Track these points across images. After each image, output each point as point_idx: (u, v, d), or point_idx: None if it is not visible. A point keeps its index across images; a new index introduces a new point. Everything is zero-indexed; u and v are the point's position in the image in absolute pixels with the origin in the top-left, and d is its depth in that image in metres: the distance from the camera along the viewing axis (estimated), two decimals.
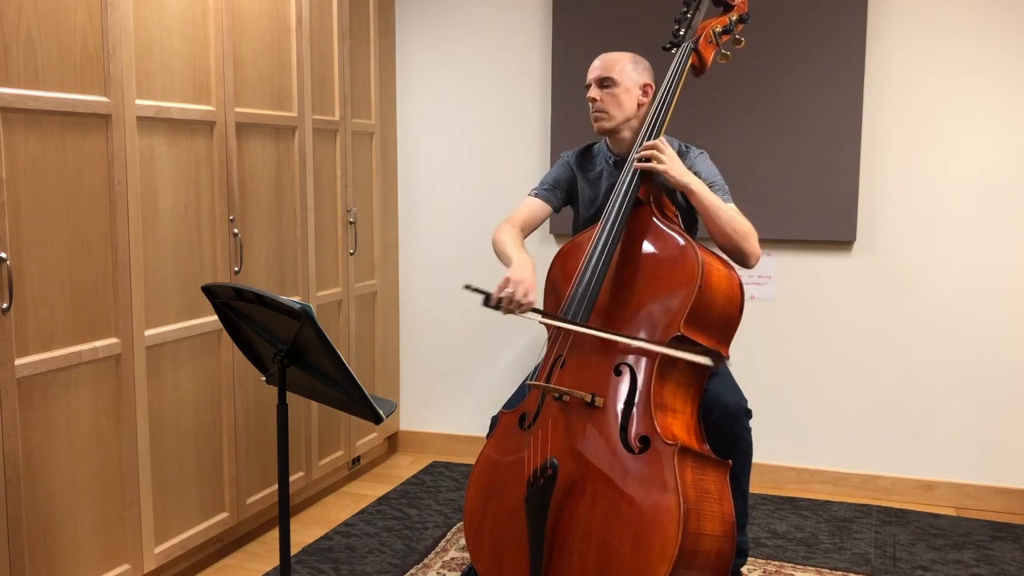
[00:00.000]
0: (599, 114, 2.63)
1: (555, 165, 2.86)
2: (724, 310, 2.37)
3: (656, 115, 2.54)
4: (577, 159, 2.82)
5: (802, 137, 3.51)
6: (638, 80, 2.63)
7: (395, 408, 2.49)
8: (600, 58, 2.67)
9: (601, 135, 2.71)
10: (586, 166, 2.80)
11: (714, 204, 2.45)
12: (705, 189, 2.47)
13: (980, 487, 3.50)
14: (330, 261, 3.51)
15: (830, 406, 3.64)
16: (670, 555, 2.07)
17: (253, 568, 2.97)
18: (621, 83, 2.61)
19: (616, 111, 2.62)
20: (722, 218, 2.45)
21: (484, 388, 4.03)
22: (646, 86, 2.64)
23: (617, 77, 2.61)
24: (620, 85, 2.61)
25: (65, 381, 2.36)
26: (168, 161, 2.67)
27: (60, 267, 2.33)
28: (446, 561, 3.00)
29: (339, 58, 3.48)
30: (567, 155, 2.84)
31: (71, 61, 2.34)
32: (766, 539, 3.18)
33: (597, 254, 2.41)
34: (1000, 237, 3.41)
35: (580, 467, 2.26)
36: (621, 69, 2.62)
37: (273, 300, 2.05)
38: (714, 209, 2.45)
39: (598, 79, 2.63)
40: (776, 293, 3.65)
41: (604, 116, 2.63)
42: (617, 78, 2.61)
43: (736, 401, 2.49)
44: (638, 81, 2.63)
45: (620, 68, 2.62)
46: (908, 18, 3.43)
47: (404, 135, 4.04)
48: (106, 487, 2.51)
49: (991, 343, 3.45)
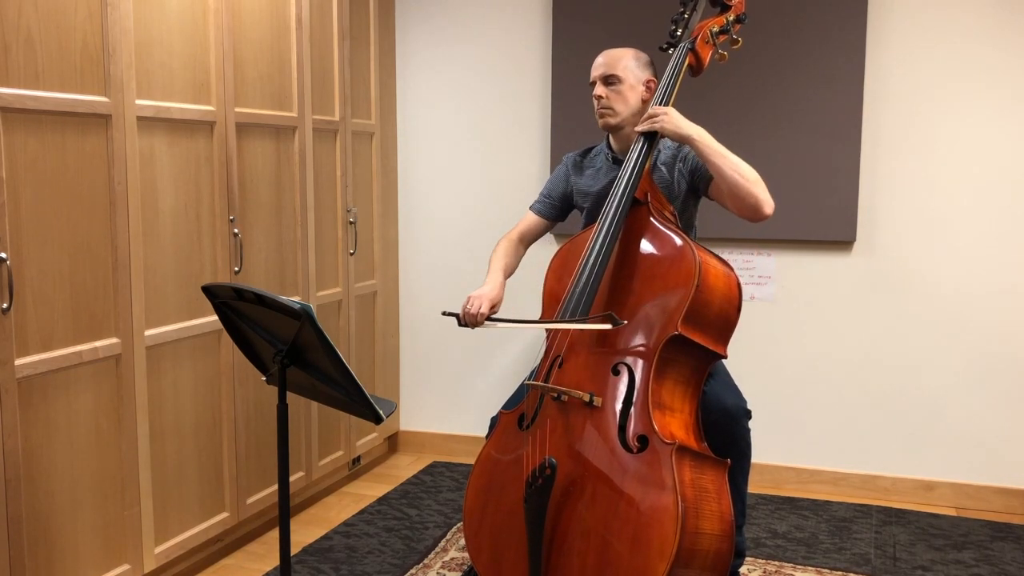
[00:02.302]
0: (605, 111, 2.65)
1: (554, 170, 2.92)
2: (722, 309, 2.37)
3: None
4: (576, 159, 2.87)
5: (802, 137, 3.51)
6: (641, 76, 2.65)
7: (395, 408, 2.50)
8: (603, 55, 2.68)
9: (606, 131, 2.72)
10: (585, 164, 2.84)
11: (718, 149, 2.43)
12: (707, 136, 2.45)
13: (980, 487, 3.50)
14: (330, 261, 3.52)
15: (830, 406, 3.64)
16: (668, 554, 2.07)
17: (253, 568, 2.98)
18: (626, 80, 2.63)
19: (621, 107, 2.63)
20: (728, 161, 2.42)
21: (484, 388, 4.03)
22: (649, 82, 2.67)
23: (622, 74, 2.63)
24: (625, 82, 2.63)
25: (65, 381, 2.36)
26: (168, 161, 2.68)
27: (60, 267, 2.34)
28: (446, 561, 3.00)
29: (339, 58, 3.49)
30: (567, 157, 2.90)
31: (71, 61, 2.34)
32: (766, 539, 3.18)
33: (595, 253, 2.41)
34: (1000, 237, 3.41)
35: (579, 467, 2.26)
36: (625, 66, 2.63)
37: (273, 300, 2.05)
38: (718, 153, 2.43)
39: (603, 76, 2.64)
40: (776, 293, 3.65)
41: (609, 112, 2.64)
42: (622, 75, 2.63)
43: (735, 402, 2.50)
44: (641, 78, 2.65)
45: (624, 65, 2.63)
46: (908, 18, 3.43)
47: (404, 135, 4.05)
48: (106, 487, 2.51)
49: (991, 343, 3.45)
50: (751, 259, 3.65)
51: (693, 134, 2.44)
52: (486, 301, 2.59)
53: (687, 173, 2.64)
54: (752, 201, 2.43)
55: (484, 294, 2.61)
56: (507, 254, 2.80)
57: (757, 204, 2.43)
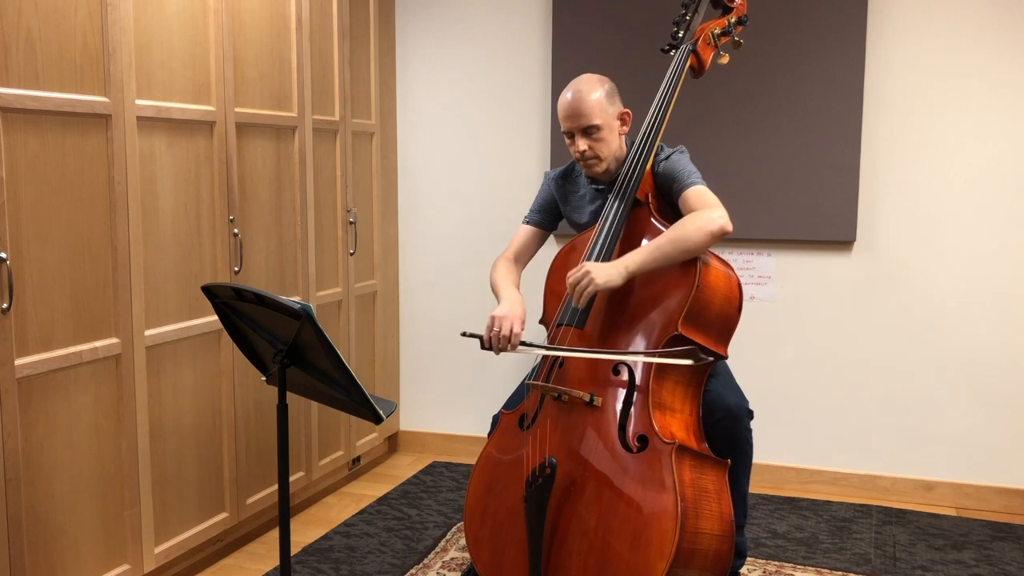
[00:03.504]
0: (591, 162, 2.54)
1: (540, 188, 2.82)
2: (722, 310, 2.37)
3: (655, 116, 2.53)
4: (559, 181, 2.76)
5: (802, 137, 3.51)
6: (615, 112, 2.53)
7: (395, 408, 2.49)
8: (573, 100, 2.50)
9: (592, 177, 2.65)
10: (568, 188, 2.75)
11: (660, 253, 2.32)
12: (639, 256, 2.33)
13: (980, 487, 3.50)
14: (330, 261, 3.52)
15: (830, 406, 3.64)
16: (668, 553, 2.08)
17: (253, 568, 2.98)
18: (605, 124, 2.50)
19: (606, 153, 2.53)
20: (676, 250, 2.31)
21: (484, 388, 4.03)
22: (623, 115, 2.56)
23: (599, 121, 2.49)
24: (604, 128, 2.50)
25: (65, 381, 2.36)
26: (168, 161, 2.68)
27: (60, 267, 2.34)
28: (446, 561, 3.00)
29: (339, 58, 3.49)
30: (548, 176, 2.80)
31: (71, 61, 2.34)
32: (766, 539, 3.18)
33: (596, 254, 2.42)
34: (1000, 237, 3.41)
35: (579, 466, 2.26)
36: (601, 109, 2.49)
37: (273, 300, 2.05)
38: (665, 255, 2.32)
39: (581, 128, 2.50)
40: (776, 293, 3.65)
41: (596, 162, 2.54)
42: (600, 122, 2.49)
43: (738, 402, 2.49)
44: (615, 113, 2.54)
45: (599, 109, 2.49)
46: (908, 19, 3.43)
47: (404, 135, 4.05)
48: (106, 487, 2.51)
49: (991, 343, 3.45)
50: (751, 259, 3.65)
51: (630, 267, 2.31)
52: (517, 321, 2.42)
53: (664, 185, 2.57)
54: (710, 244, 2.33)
55: (511, 314, 2.43)
56: (510, 272, 2.69)
57: (714, 240, 2.33)
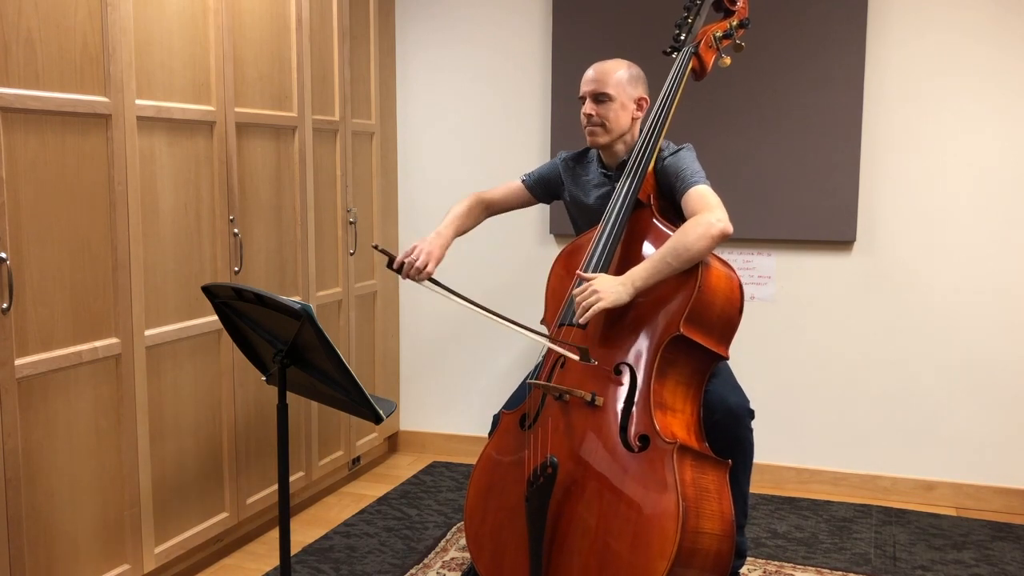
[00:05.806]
0: (593, 128, 2.56)
1: (549, 162, 2.85)
2: (724, 311, 2.37)
3: (656, 119, 2.53)
4: (570, 163, 2.78)
5: (802, 137, 3.51)
6: (633, 95, 2.56)
7: (395, 408, 2.49)
8: (595, 69, 2.56)
9: (593, 148, 2.67)
10: (579, 172, 2.76)
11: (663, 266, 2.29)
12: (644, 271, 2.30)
13: (980, 487, 3.50)
14: (330, 261, 3.51)
15: (830, 406, 3.64)
16: (669, 553, 2.08)
17: (253, 568, 2.98)
18: (617, 98, 2.53)
19: (611, 126, 2.54)
20: (678, 261, 2.29)
21: (484, 388, 4.03)
22: (641, 100, 2.58)
23: (613, 92, 2.52)
24: (616, 100, 2.53)
25: (65, 381, 2.36)
26: (168, 161, 2.67)
27: (60, 267, 2.33)
28: (446, 561, 3.00)
29: (339, 58, 3.49)
30: (561, 156, 2.82)
31: (71, 61, 2.34)
32: (766, 539, 3.18)
33: (598, 254, 2.42)
34: (1000, 237, 3.41)
35: (580, 466, 2.26)
36: (617, 83, 2.53)
37: (273, 300, 2.05)
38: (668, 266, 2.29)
39: (593, 93, 2.54)
40: (776, 293, 3.65)
41: (599, 131, 2.55)
42: (613, 93, 2.52)
43: (739, 402, 2.49)
44: (633, 95, 2.56)
45: (616, 82, 2.53)
46: (908, 18, 3.43)
47: (404, 135, 4.04)
48: (106, 487, 2.51)
49: (991, 343, 3.45)
50: (751, 259, 3.65)
51: (638, 284, 2.29)
52: (433, 260, 2.54)
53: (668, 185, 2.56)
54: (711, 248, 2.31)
55: (431, 250, 2.55)
56: (468, 215, 2.72)
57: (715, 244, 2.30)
